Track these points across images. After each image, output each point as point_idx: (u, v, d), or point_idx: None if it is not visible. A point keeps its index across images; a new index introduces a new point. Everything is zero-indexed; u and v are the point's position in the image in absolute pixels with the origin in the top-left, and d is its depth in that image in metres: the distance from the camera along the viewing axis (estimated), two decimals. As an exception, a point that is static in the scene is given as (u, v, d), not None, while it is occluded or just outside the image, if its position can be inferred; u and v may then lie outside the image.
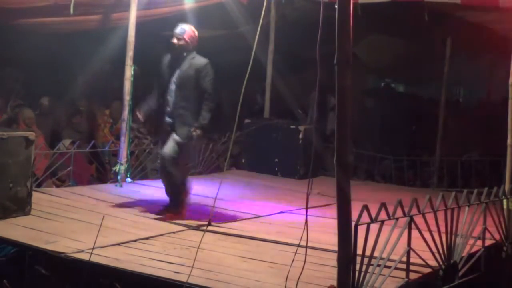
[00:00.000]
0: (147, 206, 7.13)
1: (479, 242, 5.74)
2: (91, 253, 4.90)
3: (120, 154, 8.29)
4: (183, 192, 6.83)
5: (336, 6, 3.99)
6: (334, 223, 4.18)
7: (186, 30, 6.70)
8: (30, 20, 8.54)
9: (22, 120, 9.15)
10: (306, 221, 5.97)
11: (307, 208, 4.60)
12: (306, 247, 4.48)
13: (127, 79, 8.24)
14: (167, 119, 6.73)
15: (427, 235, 4.97)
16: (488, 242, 5.87)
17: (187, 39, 6.68)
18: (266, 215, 7.15)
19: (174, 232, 6.06)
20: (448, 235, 5.19)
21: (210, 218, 5.92)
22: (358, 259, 4.17)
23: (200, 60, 6.70)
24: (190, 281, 4.53)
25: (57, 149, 8.43)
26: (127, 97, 8.25)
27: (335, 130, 4.06)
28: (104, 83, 11.37)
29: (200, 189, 8.28)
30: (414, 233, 4.81)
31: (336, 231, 4.10)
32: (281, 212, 7.31)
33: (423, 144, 12.57)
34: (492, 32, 8.90)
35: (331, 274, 4.39)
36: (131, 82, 8.24)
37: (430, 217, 4.99)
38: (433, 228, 5.00)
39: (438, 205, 5.09)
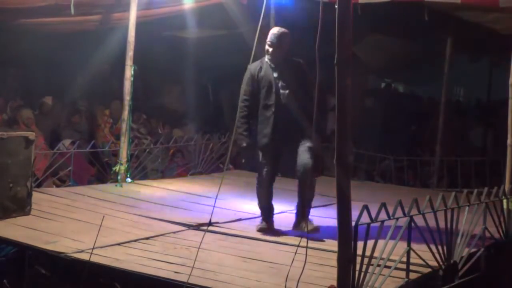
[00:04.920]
0: (147, 206, 7.13)
1: (479, 242, 5.74)
2: (91, 253, 4.90)
3: (120, 154, 8.29)
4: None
5: (336, 6, 3.99)
6: (334, 223, 4.17)
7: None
8: (30, 20, 8.55)
9: (21, 121, 9.16)
10: (306, 221, 5.97)
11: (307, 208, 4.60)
12: (306, 247, 4.49)
13: (127, 79, 8.24)
14: None
15: (427, 235, 4.97)
16: (488, 242, 5.87)
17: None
18: (266, 215, 7.13)
19: (174, 232, 6.05)
20: (448, 235, 5.19)
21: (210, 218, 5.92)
22: (358, 259, 4.17)
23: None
24: (190, 281, 4.53)
25: (57, 149, 8.43)
26: (127, 97, 8.25)
27: (335, 130, 4.05)
28: (104, 83, 11.38)
29: (200, 189, 8.29)
30: (414, 233, 4.81)
31: (336, 231, 4.10)
32: (281, 212, 7.30)
33: (423, 144, 12.58)
34: (492, 32, 8.91)
35: (331, 274, 4.39)
36: (131, 82, 8.24)
37: (430, 217, 4.99)
38: (433, 228, 5.00)
39: (438, 205, 5.09)
